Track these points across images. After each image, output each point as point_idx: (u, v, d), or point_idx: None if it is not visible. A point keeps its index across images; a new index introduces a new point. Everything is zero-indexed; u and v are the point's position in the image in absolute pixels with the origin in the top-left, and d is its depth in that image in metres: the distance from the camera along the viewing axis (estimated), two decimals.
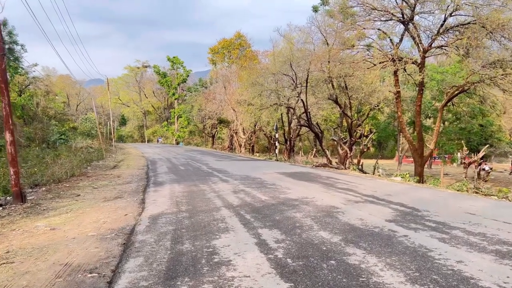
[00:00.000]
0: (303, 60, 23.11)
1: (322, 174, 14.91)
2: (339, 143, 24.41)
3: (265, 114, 34.13)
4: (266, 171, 16.01)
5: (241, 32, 69.86)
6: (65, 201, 9.45)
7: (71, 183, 13.25)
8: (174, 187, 11.22)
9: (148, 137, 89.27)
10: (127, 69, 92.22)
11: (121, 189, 11.59)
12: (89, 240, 5.72)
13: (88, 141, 38.76)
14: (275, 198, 8.89)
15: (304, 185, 11.36)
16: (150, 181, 13.29)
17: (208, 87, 60.72)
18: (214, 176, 14.31)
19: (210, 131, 58.83)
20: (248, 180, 12.64)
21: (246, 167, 19.14)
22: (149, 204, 8.59)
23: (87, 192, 11.10)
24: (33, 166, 14.26)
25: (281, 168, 18.04)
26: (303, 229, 5.98)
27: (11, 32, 34.85)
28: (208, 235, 5.68)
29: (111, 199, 9.65)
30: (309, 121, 23.96)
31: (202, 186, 11.37)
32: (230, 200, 8.75)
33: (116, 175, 16.01)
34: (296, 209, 7.55)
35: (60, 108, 53.24)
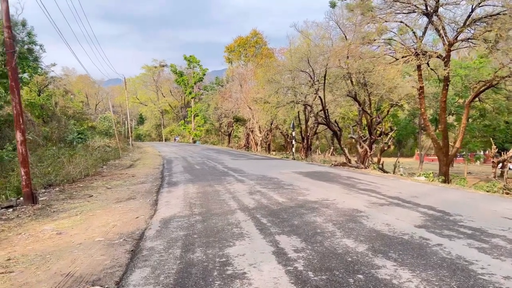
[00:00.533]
0: (321, 56, 22.48)
1: (342, 174, 14.33)
2: (359, 141, 23.68)
3: (281, 112, 33.61)
4: (283, 171, 15.52)
5: (257, 29, 69.47)
6: (77, 202, 9.19)
7: (85, 182, 13.07)
8: (189, 188, 10.86)
9: (166, 135, 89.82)
10: (145, 69, 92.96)
11: (134, 189, 11.30)
12: (95, 246, 5.37)
13: (106, 140, 38.97)
14: (293, 200, 8.41)
15: (323, 186, 10.83)
16: (164, 181, 12.98)
17: (224, 86, 60.46)
18: (229, 175, 13.91)
19: (226, 130, 58.57)
20: (265, 180, 12.18)
21: (262, 166, 18.69)
22: (161, 206, 8.23)
23: (100, 192, 10.85)
24: (48, 165, 14.14)
25: (299, 167, 17.52)
26: (324, 236, 5.49)
27: (30, 33, 35.23)
28: (221, 242, 5.25)
29: (123, 200, 9.35)
30: (327, 119, 23.33)
31: (217, 186, 10.98)
32: (246, 202, 8.31)
33: (131, 174, 15.80)
34: (316, 213, 7.05)
35: (79, 108, 53.73)
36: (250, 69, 53.04)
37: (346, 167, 18.25)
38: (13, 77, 8.80)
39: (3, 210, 8.26)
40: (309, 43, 23.32)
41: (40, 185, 11.62)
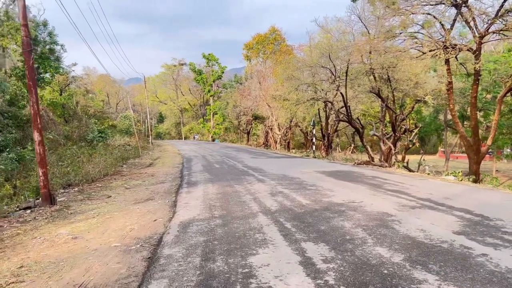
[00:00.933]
0: (342, 51, 21.85)
1: (366, 173, 13.77)
2: (382, 139, 22.97)
3: (301, 109, 33.05)
4: (304, 170, 15.07)
5: (275, 26, 68.84)
6: (95, 204, 9.01)
7: (104, 182, 12.96)
8: (208, 188, 10.56)
9: (185, 134, 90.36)
10: (164, 67, 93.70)
11: (153, 189, 11.09)
12: (111, 252, 5.09)
13: (126, 139, 39.29)
14: (318, 202, 7.98)
15: (348, 187, 10.35)
16: (183, 180, 12.74)
17: (243, 83, 60.20)
18: (249, 175, 13.56)
19: (245, 128, 58.32)
20: (286, 180, 11.78)
21: (282, 165, 18.28)
22: (180, 207, 7.94)
23: (118, 193, 10.68)
24: (68, 165, 14.11)
25: (320, 166, 17.03)
26: (355, 243, 5.06)
27: (51, 33, 35.81)
28: (243, 249, 4.89)
29: (141, 201, 9.12)
30: (349, 116, 22.69)
31: (237, 186, 10.64)
32: (268, 204, 7.93)
33: (150, 173, 15.66)
34: (344, 217, 6.62)
35: (100, 107, 54.47)
36: (268, 67, 52.62)
37: (370, 165, 17.64)
38: (30, 76, 8.68)
39: (21, 212, 8.14)
40: (330, 39, 22.71)
41: (59, 185, 11.56)
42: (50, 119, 29.02)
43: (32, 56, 8.66)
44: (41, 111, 28.27)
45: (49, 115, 29.39)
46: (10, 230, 6.42)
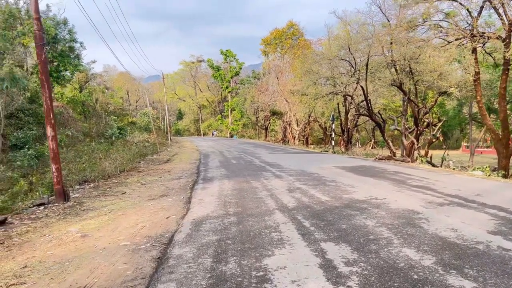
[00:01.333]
0: (362, 43, 21.18)
1: (388, 168, 13.22)
2: (404, 133, 22.25)
3: (319, 104, 32.43)
4: (324, 165, 14.61)
5: (293, 21, 68.11)
6: (108, 200, 8.84)
7: (120, 178, 12.85)
8: (224, 184, 10.26)
9: (204, 130, 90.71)
10: (183, 64, 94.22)
11: (169, 185, 10.88)
12: (119, 251, 4.84)
13: (145, 135, 39.53)
14: (338, 199, 7.56)
15: (370, 182, 9.87)
16: (199, 176, 12.49)
17: (260, 79, 59.77)
18: (266, 171, 13.20)
19: (263, 124, 57.94)
20: (304, 176, 11.37)
21: (301, 160, 17.85)
22: (194, 204, 7.66)
23: (133, 189, 10.50)
24: (85, 161, 14.07)
25: (340, 162, 16.53)
26: (379, 244, 4.65)
27: (71, 31, 36.22)
28: (258, 250, 4.55)
29: (156, 198, 8.90)
30: (370, 110, 22.01)
31: (254, 182, 10.30)
32: (285, 200, 7.57)
33: (167, 169, 15.50)
34: (366, 214, 6.19)
35: (119, 104, 55.08)
36: (286, 61, 52.00)
37: (392, 161, 17.03)
38: (43, 70, 8.54)
39: (35, 208, 8.03)
40: (349, 31, 22.01)
41: (75, 181, 11.49)
42: (70, 116, 29.38)
43: (44, 50, 8.51)
44: (61, 108, 28.65)
45: (69, 112, 29.76)
46: (20, 228, 6.27)
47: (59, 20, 36.06)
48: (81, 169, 12.60)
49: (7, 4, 33.51)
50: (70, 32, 35.72)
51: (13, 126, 22.83)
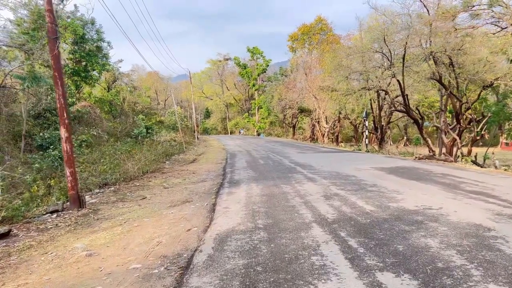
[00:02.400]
0: (399, 33, 19.71)
1: (433, 170, 11.92)
2: (444, 131, 20.65)
3: (350, 100, 31.01)
4: (359, 166, 13.45)
5: (321, 16, 66.48)
6: (126, 207, 8.10)
7: (142, 181, 12.18)
8: (252, 188, 9.35)
9: (231, 129, 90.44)
10: (209, 63, 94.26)
11: (193, 189, 10.07)
12: (127, 278, 4.00)
13: (172, 134, 39.27)
14: (385, 209, 6.49)
15: (417, 187, 8.69)
16: (225, 179, 11.64)
17: (288, 76, 58.55)
18: (297, 172, 12.20)
19: (290, 121, 56.74)
20: (340, 179, 10.29)
21: (333, 160, 16.72)
22: (219, 214, 6.78)
23: (155, 193, 9.76)
24: (106, 163, 13.52)
25: (376, 162, 15.29)
26: (454, 276, 3.58)
27: (99, 30, 36.36)
28: (296, 282, 3.59)
29: (178, 204, 8.09)
30: (407, 106, 20.53)
31: (284, 186, 9.33)
32: (322, 210, 6.56)
33: (192, 170, 14.77)
34: (424, 230, 5.10)
35: (147, 103, 55.30)
36: (315, 57, 50.58)
37: (434, 160, 15.62)
38: (56, 66, 7.88)
39: (47, 216, 7.39)
40: (384, 22, 20.52)
41: (95, 184, 10.90)
42: (97, 115, 29.32)
43: (57, 44, 7.85)
44: (88, 107, 28.61)
45: (96, 111, 29.71)
46: (24, 242, 5.58)
47: (87, 20, 36.26)
48: (102, 171, 12.00)
49: (36, 5, 33.98)
50: (97, 31, 35.83)
51: (40, 126, 22.85)
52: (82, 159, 16.90)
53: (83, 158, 17.09)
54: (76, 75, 34.44)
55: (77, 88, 35.30)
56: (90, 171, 11.69)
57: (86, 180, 10.76)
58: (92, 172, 11.58)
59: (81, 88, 36.23)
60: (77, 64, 35.03)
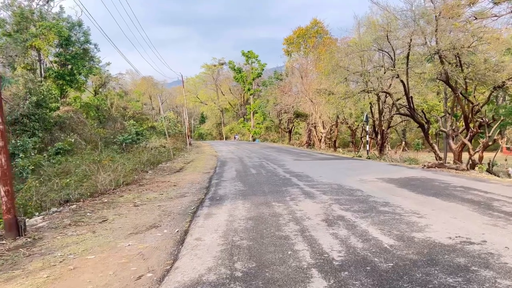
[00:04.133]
0: (402, 30, 18.18)
1: (450, 181, 10.30)
2: (452, 135, 19.10)
3: (349, 103, 29.49)
4: (364, 176, 11.81)
5: (317, 18, 65.26)
6: (78, 234, 6.41)
7: (113, 196, 10.47)
8: (237, 208, 7.68)
9: (226, 134, 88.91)
10: (204, 68, 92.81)
11: (167, 208, 8.39)
12: None
13: (163, 140, 37.57)
14: (409, 242, 4.83)
15: (440, 207, 7.05)
16: (208, 193, 9.97)
17: (283, 80, 57.05)
18: (292, 185, 10.54)
19: (286, 126, 55.14)
20: (344, 194, 8.64)
21: (332, 169, 15.09)
22: (187, 249, 5.11)
23: (121, 213, 8.07)
24: (75, 174, 11.81)
25: (381, 171, 13.67)
26: None
27: (86, 32, 34.77)
28: None
29: (141, 231, 6.41)
30: (412, 109, 18.96)
31: (277, 205, 7.67)
32: (325, 244, 4.90)
33: (173, 182, 13.07)
34: (478, 285, 3.45)
35: (138, 108, 53.58)
36: (311, 60, 49.15)
37: (445, 169, 14.03)
38: None
39: None
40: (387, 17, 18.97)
41: (54, 201, 9.19)
42: (81, 120, 27.58)
43: None
44: (70, 112, 26.86)
45: (80, 117, 27.98)
46: None
47: (74, 22, 34.65)
48: (65, 185, 10.29)
49: (20, 6, 32.32)
50: (84, 33, 34.23)
51: (17, 133, 21.12)
52: (55, 168, 15.20)
53: (56, 168, 15.39)
54: (60, 79, 32.73)
55: (62, 92, 33.58)
56: (50, 185, 9.98)
57: (43, 197, 9.06)
58: (52, 186, 9.87)
59: (66, 92, 34.51)
60: (62, 68, 33.36)
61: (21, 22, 31.51)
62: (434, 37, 18.06)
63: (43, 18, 33.05)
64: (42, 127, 22.73)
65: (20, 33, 31.13)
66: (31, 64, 32.23)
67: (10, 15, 31.60)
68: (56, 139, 23.05)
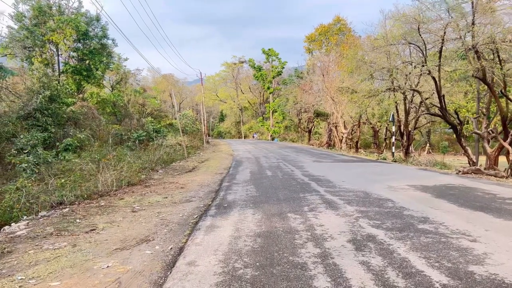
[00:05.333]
0: (434, 23, 16.63)
1: (495, 191, 8.87)
2: (487, 138, 17.45)
3: (373, 102, 27.94)
4: (393, 183, 10.48)
5: (340, 16, 63.45)
6: (55, 247, 5.40)
7: (113, 198, 9.51)
8: (245, 219, 6.55)
9: (245, 133, 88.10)
10: (224, 66, 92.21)
11: (166, 215, 7.34)
12: None
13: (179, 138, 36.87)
14: (470, 284, 3.58)
15: (493, 225, 5.72)
16: (216, 198, 8.89)
17: (304, 78, 55.58)
18: (312, 191, 9.33)
19: (306, 126, 53.65)
20: (372, 205, 7.39)
21: (356, 173, 13.79)
22: (174, 280, 4.02)
23: (114, 220, 7.06)
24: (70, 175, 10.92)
25: (411, 177, 12.30)
26: None
27: (104, 27, 34.31)
28: None
29: (128, 247, 5.36)
30: (444, 109, 17.37)
31: (292, 218, 6.49)
32: (354, 280, 3.70)
33: (182, 183, 12.06)
34: None
35: (157, 105, 53.09)
36: (333, 58, 47.55)
37: (483, 176, 12.52)
38: None
39: None
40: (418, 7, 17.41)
41: (46, 204, 8.29)
42: (95, 117, 27.02)
43: None
44: (84, 108, 26.31)
45: (94, 112, 27.43)
46: None
47: (92, 16, 34.25)
48: (59, 185, 9.38)
49: (38, 0, 32.06)
50: (102, 28, 33.77)
51: (29, 128, 20.59)
52: (62, 166, 14.45)
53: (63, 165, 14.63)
54: (77, 74, 32.35)
55: (78, 88, 33.19)
56: (43, 185, 9.09)
57: (37, 199, 8.15)
58: (44, 187, 8.97)
59: (83, 88, 34.14)
60: (80, 63, 32.96)
61: (39, 16, 31.25)
62: (469, 31, 16.47)
63: (62, 13, 32.75)
64: (55, 122, 22.16)
65: (38, 27, 30.88)
66: (49, 59, 31.96)
67: (28, 9, 31.40)
68: (68, 135, 22.47)
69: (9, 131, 18.99)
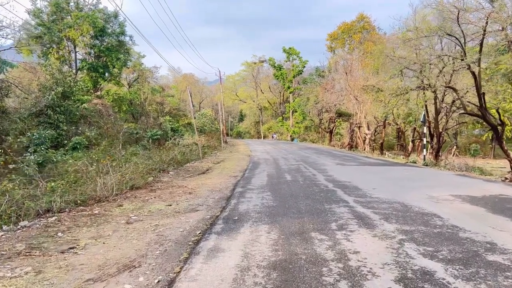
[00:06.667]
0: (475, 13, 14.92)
1: None
2: None
3: (401, 101, 26.16)
4: (432, 191, 8.98)
5: (364, 13, 61.30)
6: (8, 277, 4.24)
7: (111, 204, 8.39)
8: (257, 240, 5.26)
9: (264, 133, 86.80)
10: (244, 65, 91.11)
11: (164, 230, 6.13)
12: None
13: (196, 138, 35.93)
14: None
15: None
16: (226, 208, 7.62)
17: (326, 77, 53.80)
18: (339, 201, 7.95)
19: (327, 126, 51.88)
20: (416, 223, 5.96)
21: (386, 178, 12.29)
22: None
23: (101, 235, 5.89)
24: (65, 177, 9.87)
25: (452, 184, 10.75)
26: None
27: (122, 24, 33.63)
28: None
29: (105, 276, 4.17)
30: (483, 108, 15.63)
31: (317, 240, 5.16)
32: None
33: (191, 188, 10.87)
34: None
35: (175, 104, 52.42)
36: (356, 56, 45.69)
37: None
38: None
39: None
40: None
41: (31, 212, 7.20)
42: (109, 114, 26.27)
43: None
44: (98, 105, 25.57)
45: (108, 110, 26.69)
46: None
47: (109, 13, 33.64)
48: (50, 189, 8.30)
49: None
50: (120, 25, 33.11)
51: (40, 125, 19.89)
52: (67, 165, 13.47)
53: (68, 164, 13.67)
54: (94, 71, 31.77)
55: (95, 85, 32.60)
56: (30, 190, 8.03)
57: (12, 206, 7.07)
58: (31, 191, 7.90)
59: (100, 85, 33.54)
60: (96, 60, 32.39)
61: (56, 12, 30.82)
62: None
63: (79, 9, 32.27)
64: (68, 120, 21.42)
65: (56, 23, 30.43)
66: (66, 56, 31.48)
67: (46, 5, 31.00)
68: (81, 133, 21.70)
69: (18, 128, 18.32)
